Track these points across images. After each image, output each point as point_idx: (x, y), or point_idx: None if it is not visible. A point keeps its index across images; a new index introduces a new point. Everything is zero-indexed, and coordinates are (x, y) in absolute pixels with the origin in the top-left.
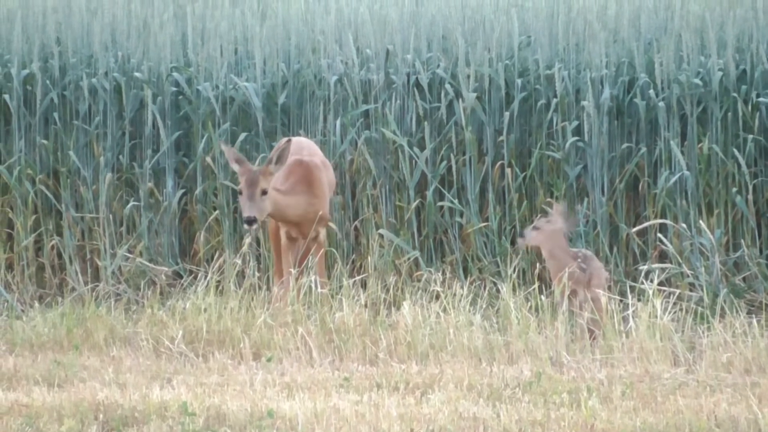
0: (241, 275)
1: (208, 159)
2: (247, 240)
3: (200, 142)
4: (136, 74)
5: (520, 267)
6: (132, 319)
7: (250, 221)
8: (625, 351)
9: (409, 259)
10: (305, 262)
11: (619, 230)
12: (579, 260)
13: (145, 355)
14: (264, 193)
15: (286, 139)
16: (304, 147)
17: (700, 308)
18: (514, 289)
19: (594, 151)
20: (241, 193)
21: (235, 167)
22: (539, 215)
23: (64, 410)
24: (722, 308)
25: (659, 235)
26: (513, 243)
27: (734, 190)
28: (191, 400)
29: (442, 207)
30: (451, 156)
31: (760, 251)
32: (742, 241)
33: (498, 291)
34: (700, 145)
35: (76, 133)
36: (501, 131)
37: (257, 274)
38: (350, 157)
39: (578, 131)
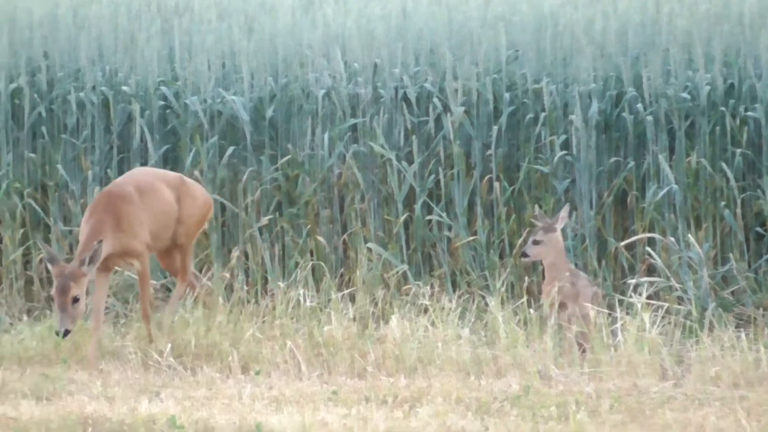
0: (230, 289)
1: (196, 172)
2: (235, 254)
3: (188, 156)
4: (124, 88)
5: (509, 281)
6: (120, 332)
7: (64, 335)
8: (614, 364)
9: (397, 272)
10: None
11: (608, 244)
12: (569, 274)
13: (134, 369)
14: (76, 300)
15: (99, 240)
16: (130, 174)
17: (688, 322)
18: (502, 303)
19: (582, 165)
20: (53, 299)
21: (49, 266)
22: (534, 228)
23: (52, 424)
24: (710, 322)
25: (647, 248)
26: (501, 257)
27: (722, 203)
28: (179, 414)
29: (430, 221)
30: (440, 170)
31: (749, 265)
32: (731, 254)
33: (486, 304)
34: (688, 159)
35: (64, 146)
36: (489, 145)
37: (245, 287)
38: (338, 171)
39: (566, 145)
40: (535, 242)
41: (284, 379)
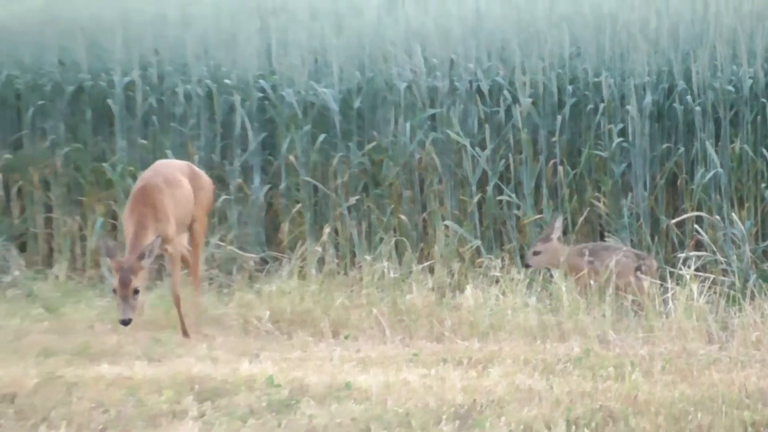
0: (321, 261)
1: (291, 157)
2: (327, 230)
3: (284, 143)
4: (226, 81)
5: None
6: (223, 300)
7: (126, 323)
8: (665, 330)
9: (471, 247)
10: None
11: (660, 222)
12: (586, 255)
13: (235, 334)
14: (136, 292)
15: (158, 236)
16: (151, 169)
17: (732, 292)
18: (565, 275)
19: (637, 150)
20: (115, 291)
21: (107, 261)
22: (538, 238)
23: (162, 382)
24: (752, 292)
25: (695, 226)
26: (564, 233)
27: (763, 185)
28: (277, 373)
29: (501, 201)
30: (509, 155)
31: None
32: None
33: (551, 276)
34: (732, 145)
35: (172, 134)
36: (554, 133)
37: (336, 260)
38: (418, 156)
39: (623, 133)
40: (535, 253)
41: (370, 342)
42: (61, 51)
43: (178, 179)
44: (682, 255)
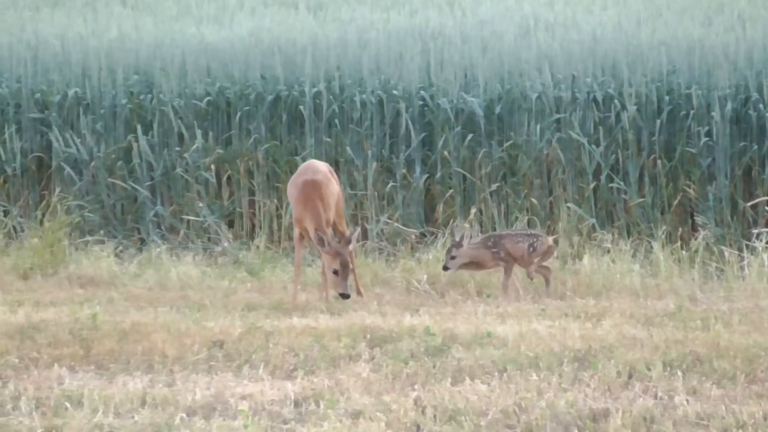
0: (469, 236)
1: (445, 152)
2: (473, 210)
3: (439, 141)
4: (394, 92)
5: (667, 230)
6: (390, 266)
7: (347, 297)
8: (741, 290)
9: (588, 224)
10: None
11: (738, 204)
12: (491, 246)
13: (399, 293)
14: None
15: (358, 228)
16: (310, 168)
17: None
18: (662, 246)
19: (720, 147)
20: (336, 273)
21: (324, 247)
22: (451, 245)
23: (341, 331)
24: None
25: (766, 207)
26: (662, 213)
27: None
28: (432, 325)
29: (611, 187)
30: (618, 151)
31: None
32: None
33: (651, 247)
34: None
35: (351, 134)
36: (654, 133)
37: (480, 234)
38: (546, 152)
39: (709, 133)
40: (452, 257)
41: (507, 300)
42: (263, 67)
43: (329, 178)
44: (756, 231)
